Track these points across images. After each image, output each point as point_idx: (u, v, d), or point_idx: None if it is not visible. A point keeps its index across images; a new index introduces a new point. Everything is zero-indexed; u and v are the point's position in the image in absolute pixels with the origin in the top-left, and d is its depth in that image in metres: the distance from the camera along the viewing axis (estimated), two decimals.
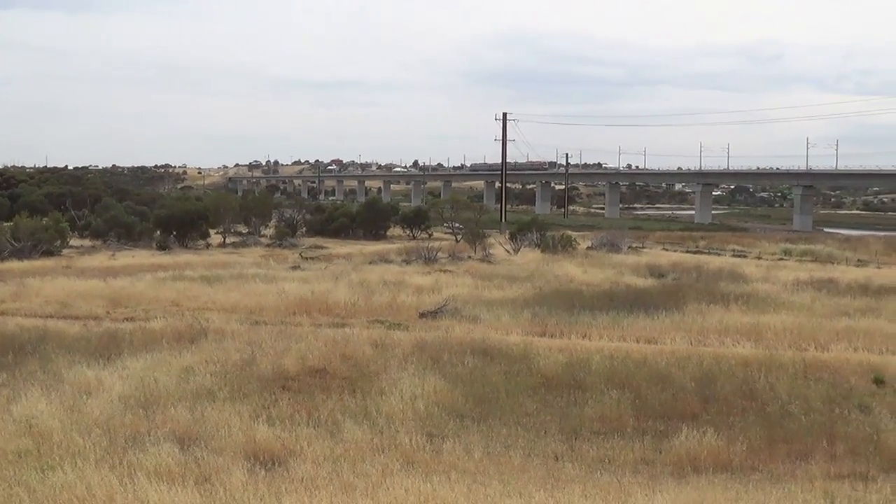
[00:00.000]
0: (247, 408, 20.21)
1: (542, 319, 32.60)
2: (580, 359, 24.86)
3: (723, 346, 28.10)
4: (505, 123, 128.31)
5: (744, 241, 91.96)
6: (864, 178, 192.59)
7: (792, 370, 24.16)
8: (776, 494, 15.31)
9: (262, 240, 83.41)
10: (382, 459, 16.84)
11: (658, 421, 20.78)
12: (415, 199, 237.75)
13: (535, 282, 45.61)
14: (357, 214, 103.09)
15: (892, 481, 16.58)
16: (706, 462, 17.96)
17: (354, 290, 39.46)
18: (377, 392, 21.81)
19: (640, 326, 31.95)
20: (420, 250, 60.31)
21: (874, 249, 79.43)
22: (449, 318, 32.34)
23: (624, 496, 14.99)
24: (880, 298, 40.97)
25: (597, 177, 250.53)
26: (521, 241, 72.16)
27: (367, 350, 25.13)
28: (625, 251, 71.25)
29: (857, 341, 28.90)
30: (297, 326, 29.47)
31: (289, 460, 16.57)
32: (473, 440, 18.79)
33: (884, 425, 20.24)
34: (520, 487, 15.23)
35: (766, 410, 21.53)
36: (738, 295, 39.95)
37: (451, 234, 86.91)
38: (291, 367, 23.43)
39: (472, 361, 24.50)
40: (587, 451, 18.74)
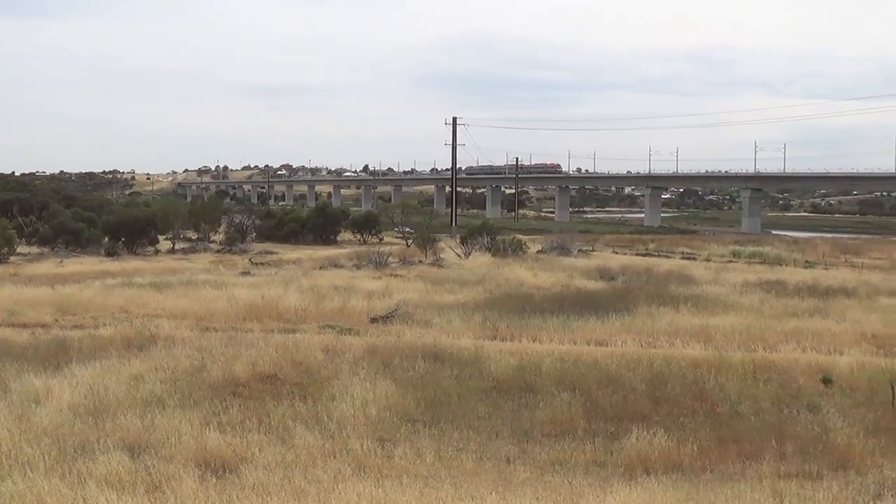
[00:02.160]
0: (197, 415, 20.11)
1: (493, 323, 32.66)
2: (531, 362, 24.95)
3: (673, 347, 28.28)
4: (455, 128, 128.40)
5: (693, 244, 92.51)
6: (811, 180, 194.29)
7: (741, 371, 24.35)
8: (726, 494, 15.43)
9: (212, 245, 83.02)
10: (334, 465, 16.83)
11: (609, 422, 20.87)
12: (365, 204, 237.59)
13: (485, 285, 45.69)
14: (307, 219, 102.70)
15: (840, 479, 16.73)
16: (657, 463, 18.05)
17: (305, 295, 39.36)
18: (328, 397, 21.79)
19: (590, 329, 32.08)
20: (371, 255, 60.27)
21: (822, 251, 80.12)
22: (400, 323, 32.34)
23: (575, 498, 15.06)
24: (828, 299, 41.36)
25: (547, 180, 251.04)
26: (472, 245, 72.27)
27: (318, 355, 25.10)
28: (575, 254, 71.47)
29: (806, 342, 29.17)
30: (248, 332, 29.38)
31: (240, 467, 16.51)
32: (425, 444, 18.79)
33: (832, 424, 20.43)
34: (472, 491, 15.26)
35: (716, 411, 21.69)
36: (687, 297, 40.20)
37: (402, 239, 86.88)
38: (242, 373, 23.36)
39: (423, 366, 24.53)
40: (539, 453, 18.80)
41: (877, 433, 19.52)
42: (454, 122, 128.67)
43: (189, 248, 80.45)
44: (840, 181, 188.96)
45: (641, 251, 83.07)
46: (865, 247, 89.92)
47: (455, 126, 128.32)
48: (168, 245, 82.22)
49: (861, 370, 24.34)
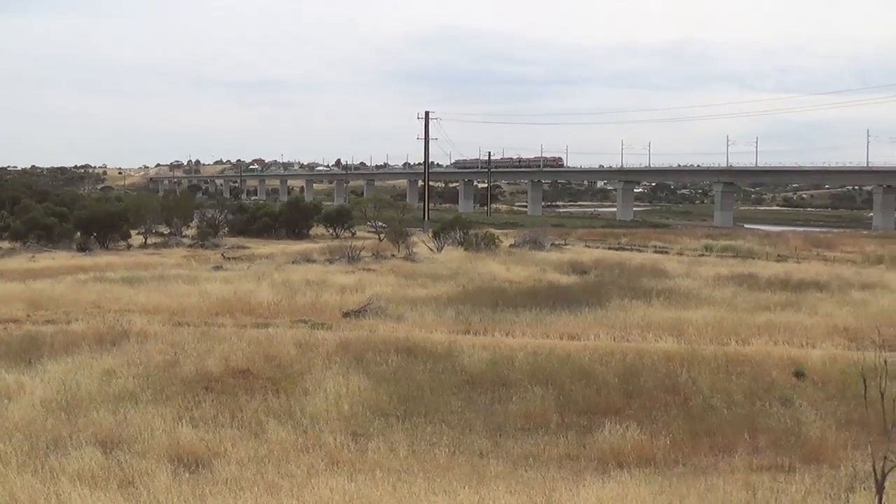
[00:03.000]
0: (170, 410, 20.06)
1: (465, 317, 32.68)
2: (504, 356, 24.96)
3: (645, 341, 28.30)
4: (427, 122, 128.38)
5: (665, 238, 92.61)
6: (783, 174, 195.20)
7: (714, 364, 24.42)
8: (699, 487, 15.47)
9: (184, 240, 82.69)
10: (307, 459, 16.81)
11: (582, 416, 20.91)
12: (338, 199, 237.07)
13: (458, 280, 45.68)
14: (279, 214, 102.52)
15: (812, 472, 16.79)
16: (630, 456, 18.09)
17: (277, 289, 39.28)
18: (301, 392, 21.76)
19: (563, 323, 32.12)
20: (343, 249, 60.16)
21: (794, 245, 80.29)
22: (373, 317, 32.29)
23: (548, 491, 15.06)
24: (800, 293, 41.51)
25: (519, 175, 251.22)
26: (445, 239, 72.18)
27: (291, 350, 25.06)
28: (547, 248, 71.48)
29: (778, 335, 29.28)
30: (220, 327, 29.29)
31: (213, 462, 16.48)
32: (398, 439, 18.79)
33: (804, 417, 20.52)
34: (445, 485, 15.25)
35: (689, 404, 21.75)
36: (660, 291, 40.29)
37: (375, 233, 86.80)
38: (215, 368, 23.31)
39: (396, 360, 24.52)
40: (512, 447, 18.82)
41: (849, 426, 19.61)
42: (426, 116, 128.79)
43: (161, 243, 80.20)
44: (812, 175, 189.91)
45: (614, 245, 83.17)
46: (837, 240, 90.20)
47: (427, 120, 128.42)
48: (140, 240, 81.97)
49: (833, 363, 24.44)
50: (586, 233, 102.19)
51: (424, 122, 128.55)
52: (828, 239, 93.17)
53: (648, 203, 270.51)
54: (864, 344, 25.09)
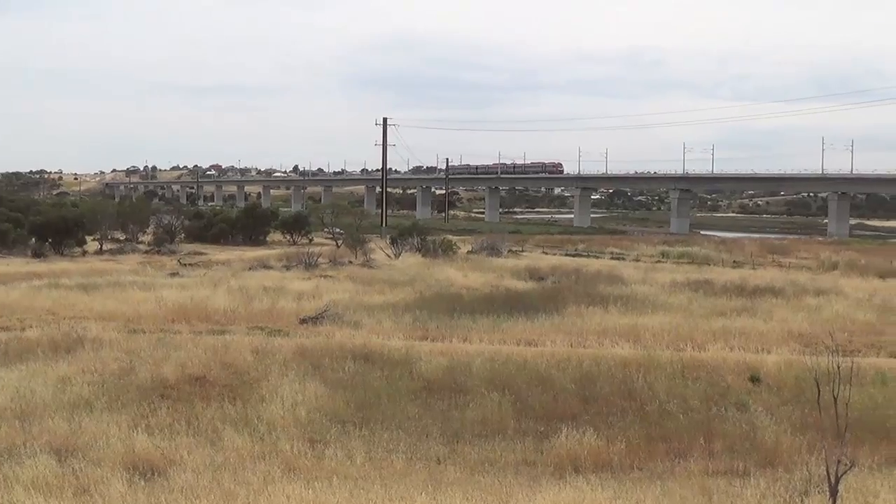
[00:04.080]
0: (125, 417, 19.98)
1: (423, 323, 32.68)
2: (461, 362, 24.97)
3: (602, 347, 28.40)
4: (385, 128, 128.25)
5: (622, 244, 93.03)
6: (739, 181, 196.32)
7: (670, 370, 24.55)
8: (655, 492, 15.56)
9: (140, 246, 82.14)
10: (264, 467, 16.78)
11: (539, 422, 20.98)
12: (295, 205, 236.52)
13: (416, 286, 45.68)
14: (236, 220, 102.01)
15: (767, 476, 16.93)
16: (586, 461, 18.18)
17: (234, 296, 39.14)
18: (258, 399, 21.71)
19: (520, 329, 32.20)
20: (300, 256, 60.04)
21: (749, 251, 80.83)
22: (330, 324, 32.24)
23: (505, 497, 15.10)
24: (755, 298, 41.78)
25: (477, 181, 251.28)
26: (402, 245, 72.17)
27: (248, 357, 24.98)
28: (505, 255, 71.63)
29: (734, 341, 29.44)
30: (176, 334, 29.14)
31: (168, 470, 16.42)
32: (355, 445, 18.79)
33: (759, 422, 20.69)
34: (402, 491, 15.27)
35: (645, 410, 21.87)
36: (616, 297, 40.43)
37: (332, 240, 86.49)
38: (171, 375, 23.21)
39: (353, 367, 24.50)
40: (469, 453, 18.86)
41: (803, 430, 19.79)
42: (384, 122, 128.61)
43: (117, 249, 79.54)
44: (767, 182, 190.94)
45: (571, 251, 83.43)
46: (792, 247, 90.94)
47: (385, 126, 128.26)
48: (96, 246, 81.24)
49: (788, 368, 24.61)
50: (543, 239, 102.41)
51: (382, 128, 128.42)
52: (783, 245, 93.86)
53: (605, 210, 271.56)
54: (819, 349, 25.28)
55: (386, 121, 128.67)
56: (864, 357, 27.24)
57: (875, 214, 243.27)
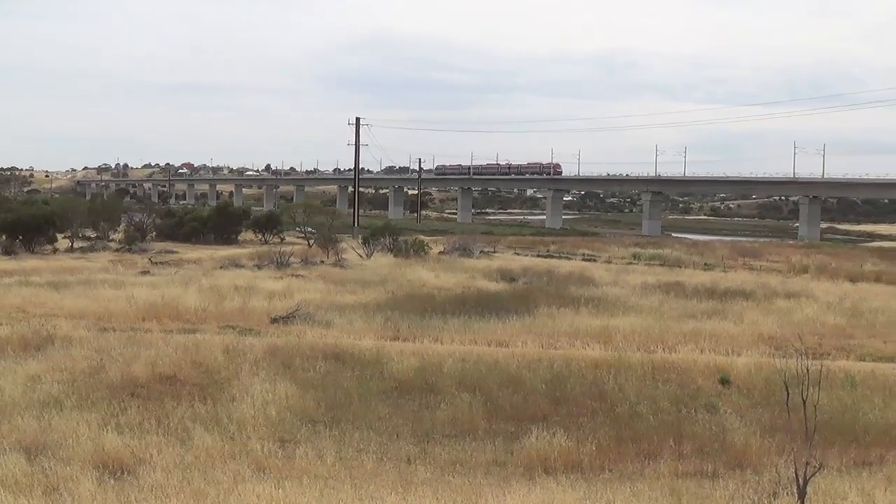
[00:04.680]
0: (95, 416, 19.91)
1: (394, 324, 32.69)
2: (432, 362, 24.99)
3: (573, 348, 28.45)
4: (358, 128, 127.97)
5: (594, 246, 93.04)
6: (711, 184, 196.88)
7: (640, 371, 24.62)
8: (625, 493, 15.60)
9: (111, 244, 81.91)
10: (234, 466, 16.74)
11: (509, 423, 21.02)
12: (267, 204, 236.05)
13: (387, 286, 45.67)
14: (208, 219, 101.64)
15: (736, 478, 17.01)
16: (556, 463, 18.20)
17: (205, 295, 39.05)
18: (228, 398, 21.67)
19: (491, 330, 32.25)
20: (272, 255, 59.93)
21: (720, 254, 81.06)
22: (301, 324, 32.22)
23: (475, 497, 15.12)
24: (726, 301, 41.95)
25: (449, 182, 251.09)
26: (374, 245, 72.14)
27: (218, 356, 24.92)
28: (477, 256, 71.62)
29: (704, 343, 29.56)
30: (147, 333, 29.05)
31: (138, 469, 16.37)
32: (326, 445, 18.77)
33: (729, 424, 20.76)
34: (372, 491, 15.28)
35: (616, 411, 21.92)
36: (587, 298, 40.54)
37: (304, 239, 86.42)
38: (141, 374, 23.14)
39: (324, 366, 24.48)
40: (439, 453, 18.86)
41: (773, 432, 19.86)
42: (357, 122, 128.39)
43: (88, 247, 79.31)
44: (739, 185, 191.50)
45: (543, 253, 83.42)
46: (763, 250, 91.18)
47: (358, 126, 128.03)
48: (67, 244, 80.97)
49: (758, 371, 24.72)
50: (515, 240, 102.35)
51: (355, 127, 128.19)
52: (754, 248, 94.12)
53: (577, 211, 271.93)
54: (789, 352, 25.41)
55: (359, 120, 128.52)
56: (834, 360, 27.39)
57: (846, 218, 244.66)
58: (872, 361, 28.54)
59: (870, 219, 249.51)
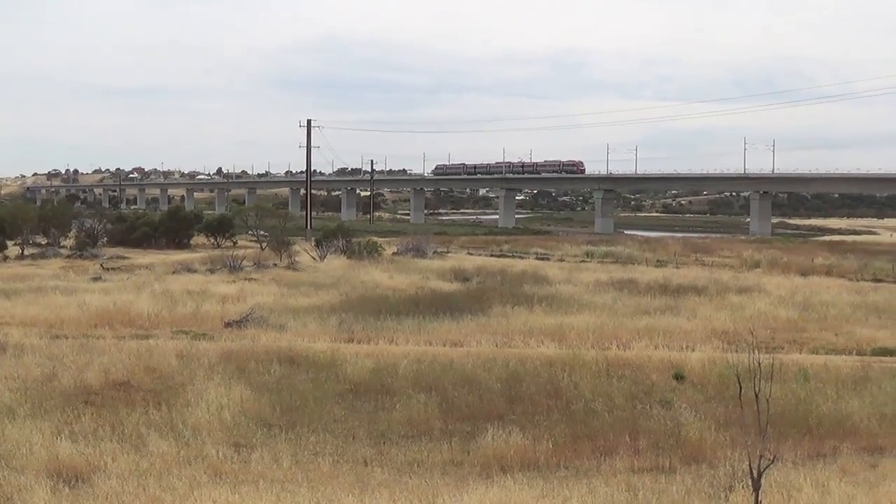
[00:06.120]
0: (49, 424, 19.74)
1: (348, 326, 32.66)
2: (387, 364, 25.00)
3: (527, 347, 28.56)
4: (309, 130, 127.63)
5: (547, 245, 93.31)
6: (662, 181, 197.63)
7: (595, 369, 24.73)
8: (581, 490, 15.64)
9: (62, 251, 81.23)
10: (189, 472, 16.65)
11: (465, 422, 21.04)
12: (219, 207, 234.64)
13: (341, 288, 45.63)
14: (159, 223, 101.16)
15: (692, 473, 17.13)
16: (513, 461, 18.23)
17: (158, 300, 38.89)
18: (183, 404, 21.56)
19: (446, 330, 32.30)
20: (224, 259, 59.75)
21: (673, 250, 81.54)
22: (255, 327, 32.13)
23: (432, 498, 15.12)
24: (678, 297, 42.21)
25: (402, 183, 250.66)
26: (327, 247, 72.02)
27: (172, 361, 24.82)
28: (430, 256, 71.70)
29: (658, 339, 29.77)
30: (100, 339, 28.89)
31: (93, 476, 16.25)
32: (281, 449, 18.72)
33: (684, 419, 20.87)
34: (329, 494, 15.24)
35: (571, 408, 22.00)
36: (541, 297, 40.67)
37: (257, 242, 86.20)
38: (94, 381, 23.00)
39: (279, 370, 24.44)
40: (396, 454, 18.86)
41: (727, 426, 19.98)
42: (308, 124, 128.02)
43: (38, 254, 78.63)
44: (690, 182, 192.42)
45: (496, 252, 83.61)
46: (715, 245, 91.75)
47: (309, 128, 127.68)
48: (17, 251, 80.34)
49: (712, 366, 24.90)
50: (469, 240, 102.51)
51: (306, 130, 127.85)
52: (706, 244, 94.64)
53: (530, 210, 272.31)
54: (742, 346, 25.56)
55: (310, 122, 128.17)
56: (787, 354, 27.64)
57: (797, 213, 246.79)
58: (825, 354, 28.83)
59: (820, 213, 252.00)
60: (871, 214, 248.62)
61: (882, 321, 36.21)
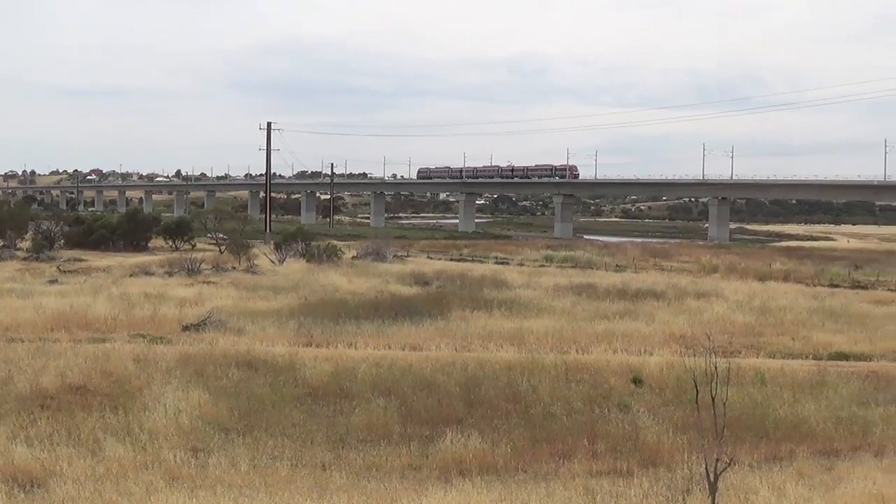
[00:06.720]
0: (3, 429, 19.61)
1: (307, 329, 32.61)
2: (346, 368, 24.98)
3: (487, 351, 28.60)
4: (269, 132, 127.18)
5: (507, 249, 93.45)
6: (622, 186, 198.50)
7: (554, 373, 24.80)
8: (539, 493, 15.68)
9: (18, 253, 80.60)
10: (146, 477, 16.57)
11: (424, 426, 21.03)
12: (178, 210, 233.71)
13: (300, 292, 45.52)
14: (117, 225, 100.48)
15: (650, 476, 17.19)
16: (472, 465, 18.25)
17: (115, 303, 38.65)
18: (140, 408, 21.44)
19: (405, 334, 32.29)
20: (183, 262, 59.46)
21: (632, 255, 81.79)
22: (213, 331, 32.01)
23: (391, 502, 15.14)
24: (637, 302, 42.35)
25: (362, 186, 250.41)
26: (287, 251, 71.84)
27: (129, 365, 24.68)
28: (390, 260, 71.68)
29: (617, 343, 29.89)
30: (56, 342, 28.71)
31: (49, 481, 16.15)
32: (239, 453, 18.65)
33: (642, 423, 20.96)
34: (287, 498, 15.22)
35: (530, 412, 22.03)
36: (501, 301, 40.71)
37: (215, 245, 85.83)
38: (50, 384, 22.83)
39: (237, 374, 24.36)
40: (354, 459, 18.82)
41: (685, 430, 20.06)
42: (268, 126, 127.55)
43: None
44: (650, 187, 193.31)
45: (456, 256, 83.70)
46: (674, 251, 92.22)
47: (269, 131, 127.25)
48: None
49: (670, 370, 25.02)
50: (429, 244, 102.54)
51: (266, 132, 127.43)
52: (665, 249, 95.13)
53: (490, 215, 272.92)
54: (699, 351, 25.68)
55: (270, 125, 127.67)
56: (745, 358, 27.84)
57: (754, 219, 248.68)
58: (781, 358, 29.05)
59: (778, 219, 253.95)
60: (829, 221, 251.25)
61: (838, 326, 36.49)
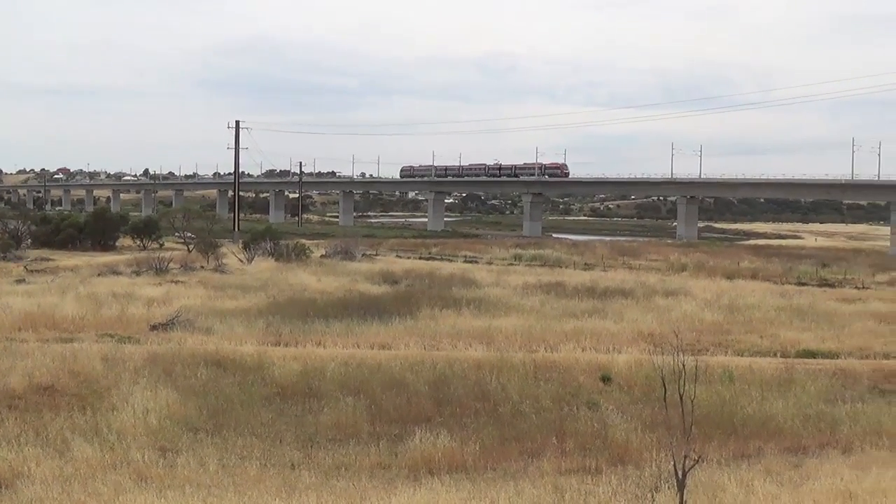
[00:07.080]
0: None
1: (276, 329, 32.54)
2: (315, 367, 24.96)
3: (455, 349, 28.61)
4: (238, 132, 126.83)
5: (476, 248, 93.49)
6: (591, 185, 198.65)
7: (523, 371, 24.85)
8: (508, 491, 15.71)
9: None
10: (114, 477, 16.53)
11: (393, 425, 21.06)
12: (145, 209, 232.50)
13: (268, 291, 45.42)
14: (85, 225, 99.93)
15: (618, 473, 17.25)
16: (441, 463, 18.28)
17: (82, 303, 38.46)
18: (108, 408, 21.38)
19: (374, 333, 32.26)
20: (151, 261, 59.17)
21: (600, 253, 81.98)
22: (181, 330, 31.89)
23: (360, 500, 15.13)
24: (606, 300, 42.46)
25: (330, 185, 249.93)
26: (255, 250, 71.64)
27: (97, 365, 24.58)
28: (359, 259, 71.59)
29: (585, 341, 29.94)
30: (23, 343, 28.55)
31: (16, 482, 16.09)
32: (208, 453, 18.62)
33: (611, 421, 21.04)
34: (256, 498, 15.19)
35: (499, 411, 22.09)
36: (470, 300, 40.72)
37: (184, 244, 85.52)
38: (17, 385, 22.73)
39: (205, 373, 24.30)
40: (323, 458, 18.82)
41: (653, 428, 20.15)
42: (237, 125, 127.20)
43: None
44: (618, 186, 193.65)
45: (425, 255, 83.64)
46: (642, 249, 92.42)
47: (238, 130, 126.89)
48: None
49: (638, 368, 25.10)
50: (398, 243, 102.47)
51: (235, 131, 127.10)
52: (633, 248, 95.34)
53: (459, 213, 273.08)
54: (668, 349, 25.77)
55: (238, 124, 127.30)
56: (713, 356, 27.95)
57: (723, 217, 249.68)
58: (750, 356, 29.18)
59: (746, 217, 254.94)
60: (797, 219, 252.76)
61: (806, 324, 36.68)
